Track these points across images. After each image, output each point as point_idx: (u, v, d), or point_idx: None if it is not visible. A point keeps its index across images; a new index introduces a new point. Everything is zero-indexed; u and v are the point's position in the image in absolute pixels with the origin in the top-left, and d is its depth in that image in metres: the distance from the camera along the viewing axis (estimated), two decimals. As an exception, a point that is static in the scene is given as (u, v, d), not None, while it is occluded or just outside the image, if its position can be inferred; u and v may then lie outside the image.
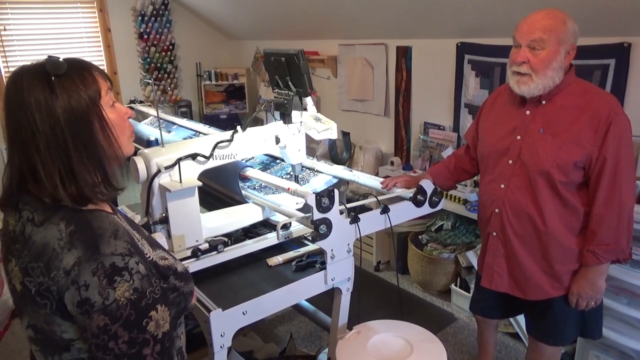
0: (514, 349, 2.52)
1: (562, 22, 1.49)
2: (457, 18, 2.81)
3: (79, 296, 0.81)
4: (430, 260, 2.94)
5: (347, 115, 3.95)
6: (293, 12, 3.76)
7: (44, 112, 0.84)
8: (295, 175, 1.93)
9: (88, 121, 0.88)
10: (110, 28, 4.46)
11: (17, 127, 0.85)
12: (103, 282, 0.81)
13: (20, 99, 0.84)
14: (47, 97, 0.84)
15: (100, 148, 0.90)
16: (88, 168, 0.89)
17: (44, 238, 0.85)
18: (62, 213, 0.87)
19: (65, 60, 0.87)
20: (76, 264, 0.82)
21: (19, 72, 0.87)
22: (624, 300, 2.04)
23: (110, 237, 0.85)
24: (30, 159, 0.86)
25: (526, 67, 1.50)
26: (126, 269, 0.84)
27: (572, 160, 1.51)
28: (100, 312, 0.81)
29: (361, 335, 1.64)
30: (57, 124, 0.84)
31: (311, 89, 1.76)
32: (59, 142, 0.85)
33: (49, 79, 0.84)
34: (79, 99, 0.86)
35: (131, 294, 0.84)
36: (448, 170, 1.91)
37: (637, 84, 2.24)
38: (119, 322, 0.82)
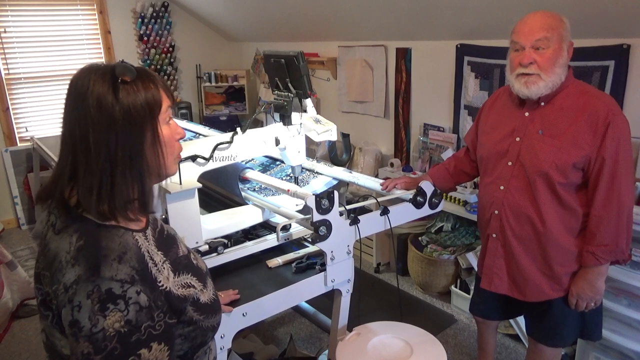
0: (514, 351, 2.52)
1: (560, 19, 1.51)
2: (456, 20, 2.81)
3: (71, 316, 0.77)
4: (430, 262, 2.94)
5: (346, 117, 3.96)
6: (293, 14, 3.76)
7: (103, 111, 0.82)
8: (295, 177, 1.93)
9: (142, 132, 0.85)
10: (110, 30, 4.46)
11: (73, 123, 0.84)
12: (95, 307, 0.76)
13: (83, 95, 0.82)
14: (110, 98, 0.82)
15: (145, 162, 0.87)
16: (128, 181, 0.85)
17: (56, 248, 0.83)
18: (78, 225, 0.83)
19: (136, 69, 0.86)
20: (75, 282, 0.78)
21: (87, 69, 0.85)
22: (624, 302, 2.04)
23: (114, 260, 0.80)
24: (75, 158, 0.83)
25: (534, 67, 1.50)
26: (123, 297, 0.78)
27: (571, 162, 1.51)
28: (85, 338, 0.76)
29: (361, 337, 1.64)
30: (113, 126, 0.82)
31: (311, 91, 1.76)
32: (109, 147, 0.82)
33: (115, 82, 0.83)
34: (138, 108, 0.84)
35: (122, 326, 0.77)
36: (448, 172, 1.91)
37: (636, 85, 2.24)
38: (101, 354, 0.76)
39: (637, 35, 2.19)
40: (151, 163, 0.88)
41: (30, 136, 4.07)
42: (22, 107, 4.26)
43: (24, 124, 4.30)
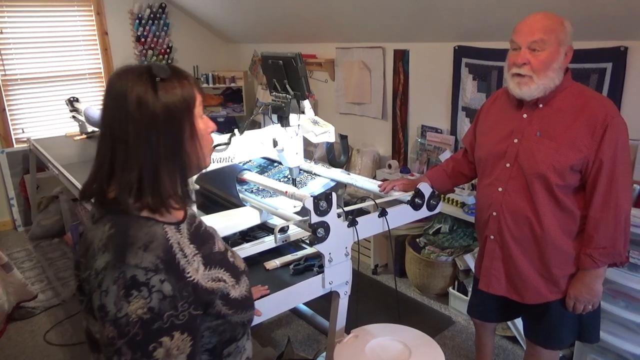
0: (511, 353, 2.52)
1: (561, 23, 1.50)
2: (454, 21, 2.81)
3: (99, 300, 0.81)
4: (428, 264, 2.94)
5: (344, 119, 3.95)
6: (291, 16, 3.76)
7: (144, 109, 0.85)
8: (292, 179, 1.93)
9: (181, 126, 0.89)
10: (107, 31, 4.45)
11: (112, 122, 0.87)
12: (120, 293, 0.79)
13: (123, 95, 0.86)
14: (150, 96, 0.86)
15: (185, 155, 0.91)
16: (171, 174, 0.89)
17: (92, 236, 0.88)
18: (112, 215, 0.88)
19: (169, 67, 0.90)
20: (104, 268, 0.82)
21: (123, 70, 0.89)
22: (621, 304, 2.04)
23: (139, 248, 0.83)
24: (114, 155, 0.87)
25: (527, 69, 1.50)
26: (146, 284, 0.80)
27: (569, 164, 1.51)
28: (110, 322, 0.79)
29: (359, 339, 1.63)
30: (155, 123, 0.86)
31: (309, 92, 1.76)
32: (151, 143, 0.86)
33: (153, 80, 0.87)
34: (177, 103, 0.88)
35: (144, 313, 0.79)
36: (446, 174, 1.91)
37: (633, 87, 2.25)
38: (124, 339, 0.79)
39: (634, 38, 2.20)
40: (191, 155, 0.92)
41: (27, 137, 4.06)
42: (18, 108, 4.24)
43: (21, 126, 4.28)
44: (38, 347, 2.70)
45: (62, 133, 4.04)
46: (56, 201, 4.11)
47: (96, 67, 4.51)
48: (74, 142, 3.76)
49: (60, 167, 2.99)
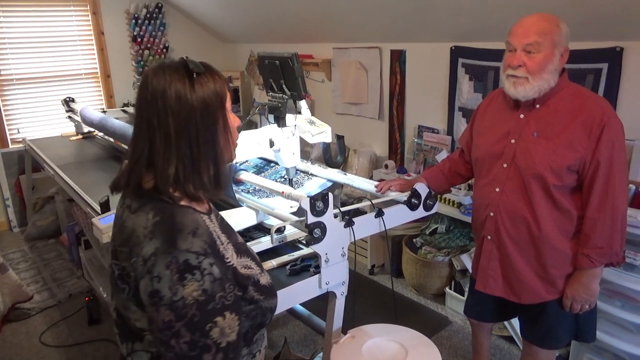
0: (508, 353, 2.52)
1: (556, 25, 1.50)
2: (451, 22, 2.82)
3: (151, 286, 0.83)
4: (425, 264, 2.94)
5: (341, 119, 3.95)
6: (287, 16, 3.76)
7: (184, 103, 0.89)
8: (289, 179, 1.92)
9: (216, 119, 0.93)
10: (103, 31, 4.44)
11: (151, 116, 0.90)
12: (174, 277, 0.82)
13: (162, 90, 0.89)
14: (188, 90, 0.90)
15: (219, 146, 0.95)
16: (208, 164, 0.93)
17: (133, 225, 0.90)
18: (153, 203, 0.90)
19: (201, 63, 0.94)
20: (153, 254, 0.84)
21: (159, 66, 0.93)
22: (617, 303, 2.04)
23: (188, 234, 0.87)
24: (153, 147, 0.90)
25: (522, 71, 1.51)
26: (198, 268, 0.84)
27: (566, 164, 1.51)
28: (167, 306, 0.82)
29: (356, 340, 1.63)
30: (194, 115, 0.90)
31: (305, 92, 1.76)
32: (190, 134, 0.90)
33: (190, 75, 0.91)
34: (212, 97, 0.92)
35: (199, 295, 0.83)
36: (442, 174, 1.91)
37: (629, 87, 2.26)
38: (182, 321, 0.82)
39: (630, 38, 2.20)
40: (224, 147, 0.96)
41: (22, 138, 4.03)
42: (14, 108, 4.22)
43: (16, 126, 4.26)
44: (33, 348, 2.68)
45: (58, 133, 4.03)
46: (52, 202, 4.10)
47: (92, 67, 4.50)
48: (70, 142, 3.74)
49: (56, 167, 2.98)
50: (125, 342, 0.96)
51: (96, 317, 2.85)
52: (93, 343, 2.69)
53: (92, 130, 3.78)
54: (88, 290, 3.15)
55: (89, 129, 3.75)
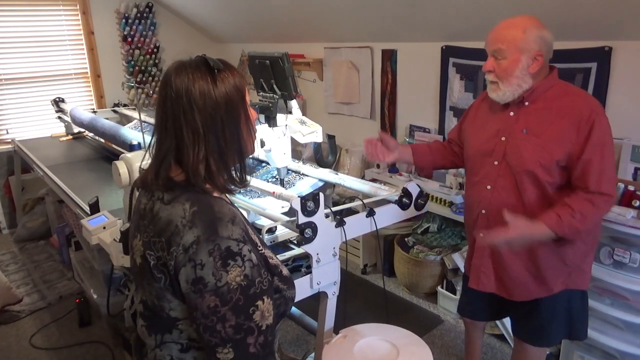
0: (499, 351, 2.53)
1: (522, 31, 1.51)
2: (441, 22, 2.83)
3: (194, 274, 0.85)
4: (417, 263, 2.95)
5: (333, 118, 3.95)
6: (279, 15, 3.75)
7: (208, 99, 0.92)
8: (280, 179, 1.92)
9: (238, 113, 0.96)
10: (93, 30, 4.40)
11: (177, 113, 0.92)
12: (218, 264, 0.85)
13: (186, 88, 0.92)
14: (211, 86, 0.93)
15: (242, 139, 0.98)
16: (234, 156, 0.97)
17: (169, 215, 0.91)
18: (188, 194, 0.93)
19: (219, 60, 0.97)
20: (195, 242, 0.86)
21: (180, 65, 0.95)
22: (607, 301, 2.06)
23: (228, 222, 0.90)
24: (181, 142, 0.93)
25: (492, 76, 1.58)
26: (239, 254, 0.88)
27: (555, 159, 1.52)
28: (212, 292, 0.85)
29: (347, 340, 1.63)
30: (219, 110, 0.93)
31: (296, 92, 1.76)
32: (216, 128, 0.93)
33: (212, 72, 0.94)
34: (234, 92, 0.95)
35: (242, 280, 0.87)
36: (429, 149, 1.95)
37: (617, 87, 2.27)
38: (228, 305, 0.85)
39: (618, 38, 2.22)
40: (247, 139, 0.99)
41: (12, 138, 4.00)
42: (3, 108, 4.17)
43: (5, 126, 4.22)
44: (23, 351, 2.66)
45: (48, 134, 3.99)
46: (42, 203, 4.06)
47: (82, 67, 4.46)
48: (60, 143, 3.71)
49: (46, 168, 2.96)
50: (154, 333, 0.97)
51: (87, 319, 2.83)
52: (84, 345, 2.67)
53: (82, 131, 3.75)
54: (79, 292, 3.12)
55: (79, 129, 3.71)
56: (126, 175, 1.44)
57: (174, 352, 0.96)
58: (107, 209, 1.95)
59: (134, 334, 1.09)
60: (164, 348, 0.97)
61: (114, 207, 2.11)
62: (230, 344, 0.86)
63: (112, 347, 2.61)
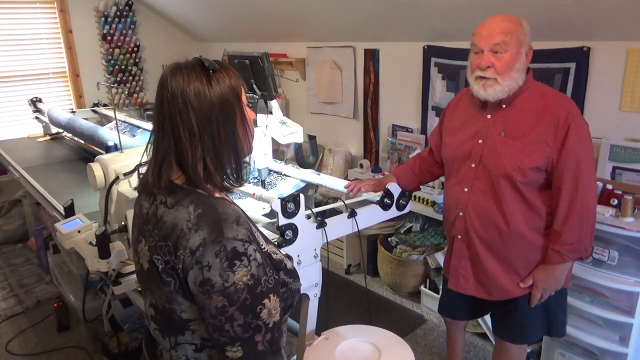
0: (482, 349, 2.55)
1: (519, 24, 1.52)
2: (423, 21, 2.83)
3: (202, 276, 0.87)
4: (400, 263, 2.95)
5: (316, 118, 3.94)
6: (261, 14, 3.72)
7: (203, 100, 0.92)
8: (261, 180, 1.90)
9: (234, 113, 0.97)
10: (71, 29, 4.32)
11: (174, 115, 0.93)
12: (224, 265, 0.86)
13: (182, 89, 0.92)
14: (206, 87, 0.93)
15: (238, 140, 0.98)
16: (230, 156, 0.97)
17: (174, 219, 0.91)
18: (192, 197, 0.93)
19: (214, 61, 0.97)
20: (201, 244, 0.87)
21: (176, 67, 0.95)
22: (587, 299, 2.08)
23: (233, 223, 0.90)
24: (180, 144, 0.93)
25: (491, 72, 1.52)
26: (245, 254, 0.89)
27: (534, 164, 1.53)
28: (219, 293, 0.86)
29: (329, 342, 1.62)
30: (213, 110, 0.93)
31: (276, 92, 1.74)
32: (212, 128, 0.93)
33: (206, 73, 0.94)
34: (229, 92, 0.96)
35: (248, 279, 0.88)
36: (412, 172, 1.92)
37: (595, 86, 2.30)
38: (235, 305, 0.87)
39: (596, 38, 2.24)
40: (243, 139, 1.00)
41: (-13, 139, 3.90)
42: (-23, 108, 4.08)
43: (-20, 127, 4.12)
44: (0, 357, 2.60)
45: (25, 134, 3.90)
46: (19, 205, 3.97)
47: (60, 66, 4.38)
48: (38, 143, 3.63)
49: (22, 170, 2.88)
50: (167, 336, 0.98)
51: (65, 323, 2.78)
52: (62, 351, 2.62)
53: (60, 131, 3.67)
54: (57, 296, 3.06)
55: (58, 129, 3.64)
56: (101, 178, 1.41)
57: (189, 352, 0.98)
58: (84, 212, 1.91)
59: (128, 338, 1.09)
60: (178, 349, 0.98)
61: (92, 209, 2.07)
62: (238, 342, 0.88)
63: (91, 352, 2.56)
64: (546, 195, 1.59)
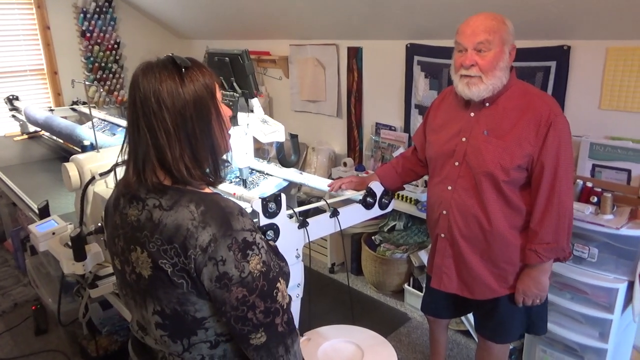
0: (465, 347, 2.56)
1: (503, 22, 1.52)
2: (406, 19, 2.83)
3: (217, 271, 0.87)
4: (384, 261, 2.95)
5: (299, 116, 3.92)
6: (243, 11, 3.68)
7: (176, 98, 0.91)
8: (242, 179, 1.88)
9: (209, 110, 0.95)
10: (49, 25, 4.22)
11: (148, 115, 0.91)
12: (238, 256, 0.88)
13: (155, 88, 0.91)
14: (178, 85, 0.92)
15: (215, 137, 0.97)
16: (207, 154, 0.96)
17: (175, 220, 0.90)
18: (189, 196, 0.93)
19: (187, 58, 0.96)
20: (212, 240, 0.87)
21: (147, 65, 0.94)
22: (567, 296, 2.10)
23: (238, 215, 0.92)
24: (158, 144, 0.92)
25: (475, 70, 1.52)
26: (255, 243, 0.91)
27: (516, 162, 1.53)
28: (238, 284, 0.88)
29: (312, 342, 1.61)
30: (187, 108, 0.92)
31: (257, 90, 1.72)
32: (187, 126, 0.92)
33: (179, 71, 0.93)
34: (202, 89, 0.94)
35: (262, 267, 0.90)
36: (396, 172, 1.91)
37: (576, 85, 2.32)
38: (255, 293, 0.89)
39: (576, 37, 2.26)
40: (219, 136, 0.98)
41: (-39, 138, 3.80)
42: (-49, 107, 3.96)
43: (-45, 125, 4.01)
44: (-25, 362, 2.53)
45: (1, 133, 3.81)
46: (-5, 206, 3.88)
47: (38, 63, 4.27)
48: (14, 142, 3.55)
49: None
50: (178, 340, 0.96)
51: (43, 327, 2.72)
52: (40, 354, 2.56)
53: (38, 130, 3.60)
54: (35, 299, 2.99)
55: (35, 128, 3.56)
56: (77, 178, 1.37)
57: (204, 350, 0.97)
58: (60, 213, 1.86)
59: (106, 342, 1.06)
60: (193, 350, 0.97)
61: (69, 210, 2.02)
62: (262, 328, 0.91)
63: (70, 356, 2.51)
64: (527, 194, 1.60)
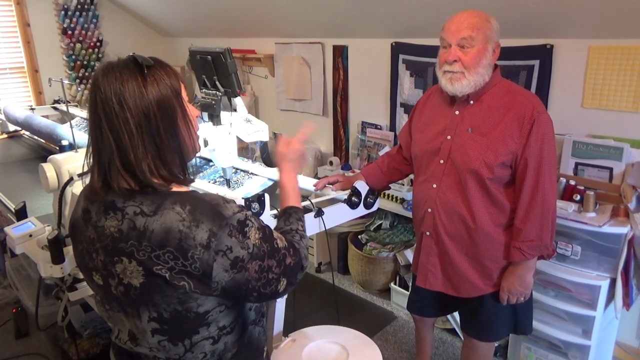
0: (451, 345, 2.57)
1: (487, 20, 1.52)
2: (391, 18, 2.82)
3: (229, 259, 0.89)
4: (370, 260, 2.94)
5: (285, 115, 3.89)
6: (228, 9, 3.65)
7: (139, 98, 0.89)
8: (226, 179, 1.85)
9: (174, 110, 0.94)
10: (29, 22, 4.15)
11: (111, 117, 0.89)
12: (240, 238, 0.91)
13: (117, 89, 0.89)
14: (140, 85, 0.90)
15: (182, 137, 0.96)
16: (174, 155, 0.95)
17: (163, 224, 0.89)
18: (172, 198, 0.92)
19: (150, 57, 0.94)
20: (211, 235, 0.88)
21: (107, 66, 0.92)
22: (551, 293, 2.12)
23: (224, 202, 0.93)
24: (122, 147, 0.89)
25: (458, 66, 1.52)
26: (247, 218, 0.94)
27: (500, 160, 1.53)
28: (250, 259, 0.92)
29: (297, 344, 1.60)
30: (151, 109, 0.90)
31: (240, 89, 1.69)
32: (151, 127, 0.90)
33: (141, 70, 0.91)
34: (167, 88, 0.93)
35: (259, 234, 0.95)
36: (381, 171, 1.90)
37: (559, 83, 2.34)
38: (265, 257, 0.95)
39: (559, 36, 2.28)
40: (186, 137, 0.97)
41: (-61, 138, 3.71)
42: None
43: None
44: (-47, 367, 2.47)
45: (-20, 133, 3.73)
46: (-25, 207, 3.79)
47: (18, 61, 4.19)
48: (-7, 142, 3.47)
49: (-25, 170, 2.75)
50: (180, 341, 0.96)
51: (24, 330, 2.66)
52: (20, 358, 2.51)
53: (18, 129, 3.52)
54: (15, 302, 2.93)
55: (15, 127, 3.49)
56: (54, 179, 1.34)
57: (206, 348, 0.98)
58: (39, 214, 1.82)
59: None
60: (195, 349, 0.97)
61: (48, 211, 1.98)
62: (282, 275, 0.98)
63: (51, 359, 2.47)
64: (511, 192, 1.61)
